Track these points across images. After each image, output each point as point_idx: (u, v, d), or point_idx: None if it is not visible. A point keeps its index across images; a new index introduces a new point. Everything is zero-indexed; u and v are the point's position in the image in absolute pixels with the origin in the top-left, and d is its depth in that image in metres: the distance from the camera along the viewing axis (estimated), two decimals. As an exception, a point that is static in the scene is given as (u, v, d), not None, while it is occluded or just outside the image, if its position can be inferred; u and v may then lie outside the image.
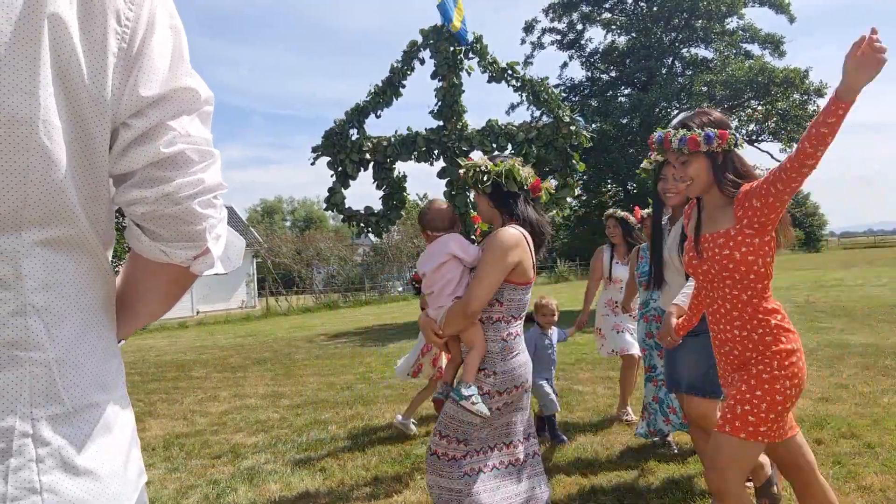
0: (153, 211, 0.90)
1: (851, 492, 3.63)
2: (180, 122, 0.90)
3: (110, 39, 0.85)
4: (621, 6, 17.86)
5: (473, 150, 4.81)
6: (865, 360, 7.46)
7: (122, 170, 0.90)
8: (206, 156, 0.93)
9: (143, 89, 0.87)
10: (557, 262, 33.20)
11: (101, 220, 0.92)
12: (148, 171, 0.89)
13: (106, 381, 0.93)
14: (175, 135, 0.89)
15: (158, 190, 0.89)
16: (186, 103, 0.92)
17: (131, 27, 0.87)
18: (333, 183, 4.80)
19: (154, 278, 1.02)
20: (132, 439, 0.98)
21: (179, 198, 0.90)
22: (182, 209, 0.90)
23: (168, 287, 1.04)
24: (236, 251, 1.08)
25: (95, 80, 0.84)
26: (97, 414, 0.90)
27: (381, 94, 4.79)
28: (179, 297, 1.08)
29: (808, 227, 55.17)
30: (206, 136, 0.95)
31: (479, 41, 4.79)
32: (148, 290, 1.04)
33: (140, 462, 1.00)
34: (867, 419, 5.02)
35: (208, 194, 0.93)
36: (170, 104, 0.90)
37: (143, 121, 0.88)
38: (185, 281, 1.03)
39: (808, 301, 14.91)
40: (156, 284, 1.03)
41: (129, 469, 0.94)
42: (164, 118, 0.89)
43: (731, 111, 16.69)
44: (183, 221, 0.91)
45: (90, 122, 0.85)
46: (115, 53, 0.86)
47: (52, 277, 0.85)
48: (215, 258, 0.97)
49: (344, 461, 4.73)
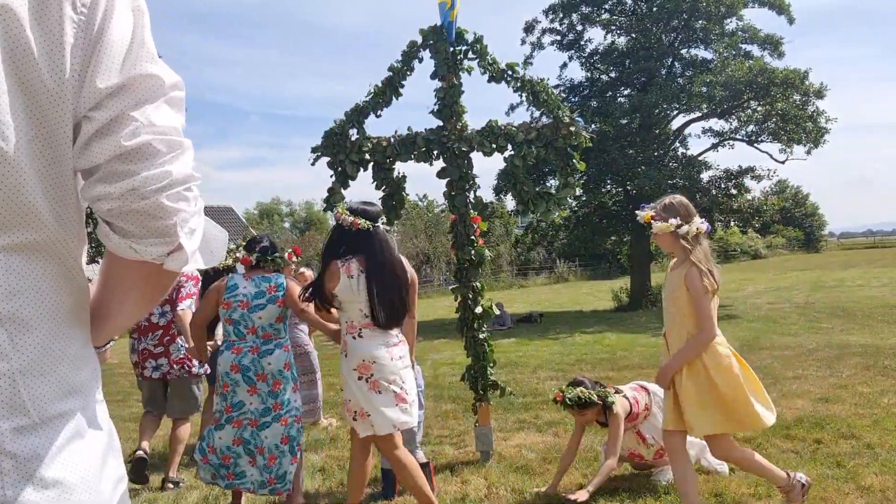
0: (119, 207, 0.85)
1: (851, 492, 3.63)
2: (143, 112, 0.85)
3: (66, 29, 0.80)
4: (621, 7, 17.84)
5: (473, 151, 4.81)
6: (865, 361, 7.46)
7: (85, 165, 0.85)
8: (174, 146, 0.87)
9: (101, 80, 0.82)
10: (557, 263, 33.21)
11: (70, 220, 0.88)
12: (111, 164, 0.84)
13: (77, 389, 0.89)
14: (137, 125, 0.84)
15: (123, 185, 0.84)
16: (149, 91, 0.86)
17: (87, 14, 0.82)
18: (333, 183, 4.79)
19: (128, 277, 0.96)
20: (108, 447, 0.95)
21: (146, 192, 0.84)
22: (149, 204, 0.85)
23: (144, 286, 0.98)
24: (219, 244, 1.02)
25: (53, 74, 0.80)
26: (67, 423, 0.86)
27: (381, 95, 4.78)
28: (159, 296, 1.03)
29: (808, 228, 55.19)
30: (175, 124, 0.89)
31: (479, 41, 4.79)
32: (123, 291, 0.98)
33: (118, 469, 0.96)
34: (867, 419, 5.02)
35: (178, 187, 0.87)
36: (130, 93, 0.85)
37: (104, 112, 0.83)
38: (162, 279, 0.97)
39: (808, 302, 14.91)
40: (131, 284, 0.97)
41: (103, 478, 0.90)
42: (126, 108, 0.84)
43: (731, 112, 16.68)
44: (151, 217, 0.86)
45: (50, 117, 0.81)
46: (72, 43, 0.81)
47: (17, 285, 0.81)
48: (188, 254, 0.91)
49: (344, 461, 4.73)
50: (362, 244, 3.31)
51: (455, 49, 4.76)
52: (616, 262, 32.40)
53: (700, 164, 16.96)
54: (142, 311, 1.04)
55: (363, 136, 4.75)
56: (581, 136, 4.73)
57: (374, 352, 3.26)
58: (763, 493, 3.68)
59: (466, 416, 5.86)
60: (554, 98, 4.79)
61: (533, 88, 4.78)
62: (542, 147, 4.76)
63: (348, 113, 4.77)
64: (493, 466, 4.46)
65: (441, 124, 4.80)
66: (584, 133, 4.76)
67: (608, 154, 15.51)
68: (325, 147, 4.76)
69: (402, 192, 4.88)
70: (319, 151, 4.77)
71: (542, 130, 4.77)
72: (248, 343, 3.82)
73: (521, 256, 31.39)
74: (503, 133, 4.75)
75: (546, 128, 4.77)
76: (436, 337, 12.82)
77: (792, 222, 53.17)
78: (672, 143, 17.71)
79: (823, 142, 15.89)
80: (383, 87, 4.78)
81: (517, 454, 4.74)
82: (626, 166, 15.65)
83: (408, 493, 4.04)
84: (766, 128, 16.43)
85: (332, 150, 4.74)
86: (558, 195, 4.83)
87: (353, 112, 4.77)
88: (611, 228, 18.27)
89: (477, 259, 4.73)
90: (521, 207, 5.17)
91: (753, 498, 3.63)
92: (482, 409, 4.71)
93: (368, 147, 4.74)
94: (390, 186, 4.84)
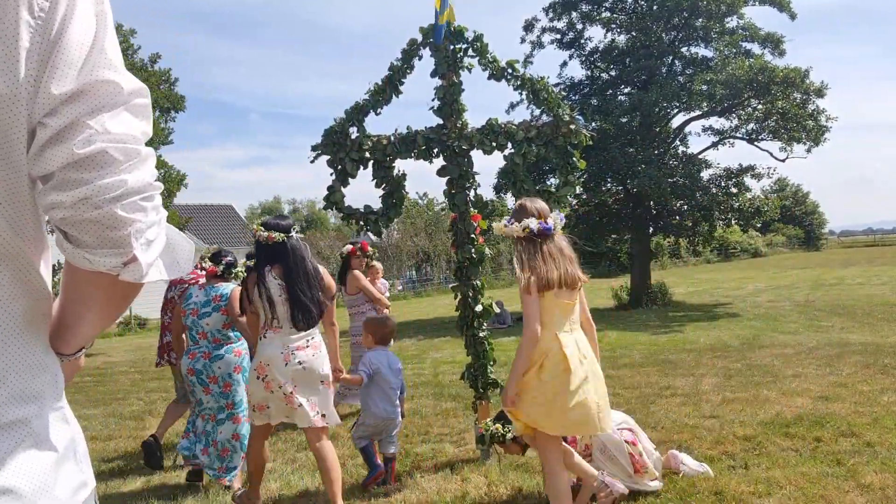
0: (72, 216, 0.82)
1: (851, 490, 3.63)
2: (99, 120, 0.82)
3: (22, 33, 0.78)
4: (621, 5, 17.79)
5: (473, 149, 4.81)
6: (865, 359, 7.46)
7: (39, 172, 0.83)
8: (131, 154, 0.84)
9: (55, 86, 0.80)
10: (557, 261, 33.13)
11: (26, 227, 0.86)
12: (65, 172, 0.81)
13: (33, 396, 0.87)
14: (92, 133, 0.81)
15: (76, 193, 0.81)
16: (106, 98, 0.84)
17: (45, 17, 0.80)
18: (333, 181, 4.79)
19: (88, 287, 0.93)
20: (68, 452, 0.92)
21: (99, 201, 0.82)
22: (103, 213, 0.82)
23: (104, 297, 0.94)
24: (185, 255, 1.02)
25: (7, 79, 0.78)
26: (21, 430, 0.85)
27: (381, 93, 4.78)
28: (121, 307, 0.99)
29: (808, 226, 55.16)
30: (134, 132, 0.86)
31: (479, 39, 4.79)
32: (83, 301, 0.95)
33: (80, 475, 0.94)
34: (867, 418, 5.02)
35: (134, 196, 0.85)
36: (86, 100, 0.82)
37: (58, 119, 0.81)
38: (123, 290, 0.93)
39: (808, 300, 14.91)
40: (91, 294, 0.94)
41: (59, 484, 0.88)
42: (80, 115, 0.82)
43: (732, 110, 16.66)
44: (105, 226, 0.83)
45: (4, 123, 0.79)
46: (28, 48, 0.79)
47: None
48: (144, 265, 0.88)
49: (344, 460, 4.73)
50: (278, 255, 3.63)
51: (455, 47, 4.76)
52: (616, 261, 32.41)
53: (700, 162, 16.94)
54: (106, 322, 1.00)
55: (363, 135, 4.74)
56: (581, 135, 4.73)
57: (270, 354, 3.57)
58: (763, 491, 3.68)
59: (467, 415, 5.86)
60: (554, 96, 4.78)
61: (533, 87, 4.78)
62: (542, 145, 4.75)
63: (348, 111, 4.77)
64: (493, 465, 4.46)
65: (441, 122, 4.79)
66: (584, 131, 4.76)
67: (608, 152, 15.49)
68: (324, 145, 4.75)
69: (402, 191, 4.88)
70: (319, 150, 4.77)
71: (542, 129, 4.76)
72: (201, 348, 4.37)
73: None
74: (503, 131, 4.75)
75: (546, 126, 4.77)
76: (436, 335, 12.82)
77: (792, 220, 53.12)
78: (672, 142, 17.69)
79: (824, 140, 15.87)
80: (383, 86, 4.78)
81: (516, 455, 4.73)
82: (626, 165, 15.63)
83: (408, 489, 4.05)
84: (766, 126, 16.39)
85: (331, 149, 4.74)
86: (558, 193, 4.83)
87: (354, 110, 4.77)
88: (611, 227, 18.25)
89: (477, 257, 4.73)
90: (521, 206, 5.17)
91: (753, 496, 3.63)
92: (482, 407, 4.72)
93: (368, 145, 4.73)
94: (390, 184, 4.84)
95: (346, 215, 4.95)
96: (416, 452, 4.84)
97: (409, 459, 4.69)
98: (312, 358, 3.64)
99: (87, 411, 7.23)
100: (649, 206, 17.00)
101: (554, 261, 3.13)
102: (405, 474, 4.40)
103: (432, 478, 4.29)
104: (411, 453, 4.80)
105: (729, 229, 33.63)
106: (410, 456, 4.75)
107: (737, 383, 6.62)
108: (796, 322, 11.36)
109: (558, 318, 3.13)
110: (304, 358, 3.60)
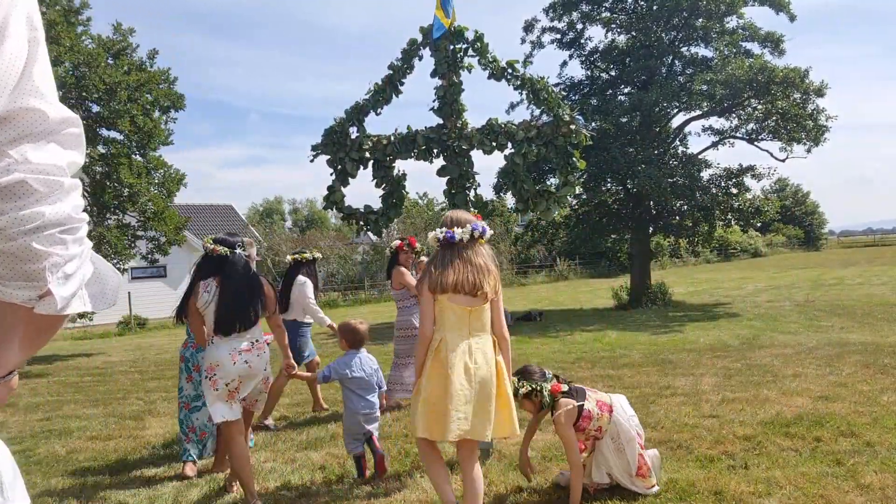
0: None
1: (851, 490, 3.63)
2: (20, 149, 0.80)
3: None
4: (621, 5, 17.78)
5: (473, 149, 4.81)
6: (865, 359, 7.46)
7: None
8: (53, 186, 0.81)
9: None
10: (557, 261, 33.21)
11: None
12: None
13: None
14: (10, 162, 0.78)
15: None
16: (29, 126, 0.81)
17: None
18: (333, 181, 4.79)
19: (7, 317, 0.88)
20: None
21: (13, 233, 0.79)
22: (16, 245, 0.79)
23: (26, 328, 0.90)
24: (111, 287, 0.96)
25: None
26: None
27: (381, 93, 4.78)
28: (45, 335, 0.94)
29: (808, 226, 55.16)
30: (59, 163, 0.83)
31: (479, 39, 4.79)
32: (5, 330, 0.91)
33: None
34: (866, 417, 5.02)
35: (52, 229, 0.81)
36: (9, 128, 0.80)
37: None
38: (47, 320, 0.88)
39: (808, 300, 14.91)
40: (11, 324, 0.90)
41: None
42: (1, 144, 0.79)
43: (731, 110, 16.66)
44: (19, 259, 0.80)
45: None
46: None
47: None
48: (59, 299, 0.84)
49: (344, 459, 4.73)
50: (220, 267, 3.99)
51: (455, 47, 4.76)
52: (616, 261, 32.41)
53: (700, 162, 16.94)
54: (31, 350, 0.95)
55: (363, 134, 4.75)
56: (581, 135, 4.73)
57: (219, 356, 3.89)
58: (763, 491, 3.68)
59: (466, 414, 5.85)
60: (554, 96, 4.79)
61: (533, 86, 4.78)
62: (542, 145, 4.76)
63: (348, 111, 4.77)
64: (493, 464, 4.46)
65: (441, 122, 4.80)
66: (584, 131, 4.77)
67: (608, 152, 15.49)
68: (325, 145, 4.76)
69: (402, 190, 4.89)
70: (319, 149, 4.77)
71: (542, 129, 4.77)
72: (192, 339, 4.78)
73: (521, 255, 31.42)
74: (503, 131, 4.75)
75: (546, 126, 4.78)
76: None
77: (792, 220, 53.14)
78: (672, 142, 17.69)
79: (824, 140, 15.86)
80: (383, 85, 4.79)
81: (517, 452, 4.73)
82: (626, 164, 15.63)
83: (408, 489, 4.05)
84: (766, 126, 16.39)
85: (331, 148, 4.74)
86: (558, 193, 4.83)
87: (354, 110, 4.77)
88: (611, 227, 18.26)
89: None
90: (521, 206, 5.17)
91: (753, 496, 3.63)
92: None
93: (369, 145, 4.74)
94: (390, 184, 4.84)
95: (346, 215, 4.96)
96: (416, 452, 4.84)
97: (408, 459, 4.69)
98: (258, 358, 3.99)
99: (87, 411, 7.23)
100: (649, 206, 17.00)
101: (453, 267, 3.29)
102: (405, 474, 4.40)
103: (432, 477, 4.28)
104: (411, 453, 4.79)
105: (729, 229, 33.67)
106: (410, 456, 4.75)
107: (737, 383, 6.62)
108: (796, 322, 11.36)
109: (451, 322, 3.29)
110: (250, 359, 3.95)
